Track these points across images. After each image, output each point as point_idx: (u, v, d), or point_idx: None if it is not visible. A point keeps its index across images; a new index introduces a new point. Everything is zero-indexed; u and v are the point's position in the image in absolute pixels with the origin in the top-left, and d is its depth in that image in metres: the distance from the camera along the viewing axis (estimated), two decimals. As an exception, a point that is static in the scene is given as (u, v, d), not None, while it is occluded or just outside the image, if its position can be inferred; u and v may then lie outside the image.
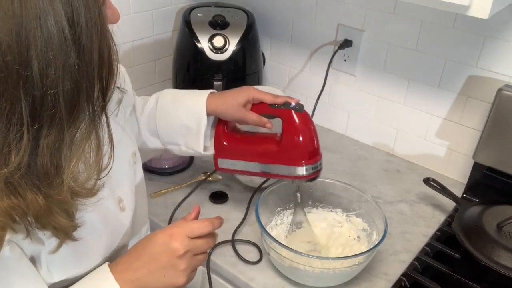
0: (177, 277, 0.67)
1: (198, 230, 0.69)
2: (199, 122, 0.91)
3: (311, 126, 0.88)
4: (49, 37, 0.45)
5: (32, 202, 0.50)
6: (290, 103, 0.88)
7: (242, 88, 0.92)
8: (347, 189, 0.99)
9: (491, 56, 1.06)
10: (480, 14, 0.74)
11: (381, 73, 1.25)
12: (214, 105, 0.91)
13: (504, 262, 0.86)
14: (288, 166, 0.88)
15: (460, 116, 1.16)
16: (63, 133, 0.49)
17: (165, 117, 0.94)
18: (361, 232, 0.97)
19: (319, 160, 0.89)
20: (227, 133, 0.94)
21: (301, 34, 1.36)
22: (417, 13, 1.13)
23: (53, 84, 0.46)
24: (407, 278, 0.89)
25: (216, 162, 0.96)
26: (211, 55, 1.28)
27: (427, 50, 1.15)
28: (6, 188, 0.48)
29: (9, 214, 0.49)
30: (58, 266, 0.61)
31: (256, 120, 0.90)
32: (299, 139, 0.87)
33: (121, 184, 0.75)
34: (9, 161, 0.47)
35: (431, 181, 1.09)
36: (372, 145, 1.36)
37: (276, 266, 0.91)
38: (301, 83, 1.43)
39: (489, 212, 0.97)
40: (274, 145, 0.90)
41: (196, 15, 1.33)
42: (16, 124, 0.46)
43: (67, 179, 0.51)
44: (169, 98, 0.95)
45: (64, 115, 0.48)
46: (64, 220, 0.54)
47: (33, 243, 0.57)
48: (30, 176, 0.49)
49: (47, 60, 0.45)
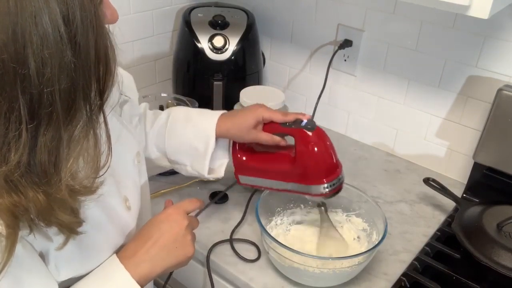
0: (187, 247, 0.72)
1: (191, 205, 0.76)
2: (207, 144, 0.90)
3: (326, 143, 0.85)
4: (45, 35, 0.45)
5: (33, 200, 0.50)
6: (301, 121, 0.85)
7: (251, 108, 0.91)
8: (347, 189, 0.99)
9: (491, 56, 1.06)
10: (480, 14, 0.74)
11: (381, 73, 1.25)
12: (225, 128, 0.91)
13: (504, 262, 0.86)
14: (309, 185, 0.86)
15: (460, 116, 1.16)
16: (61, 131, 0.49)
17: (174, 136, 0.93)
18: (361, 232, 0.97)
19: (339, 174, 0.86)
20: (246, 149, 0.94)
21: (301, 34, 1.36)
22: (417, 13, 1.13)
23: (49, 82, 0.46)
24: (407, 278, 0.89)
25: (237, 178, 0.95)
26: (211, 55, 1.29)
27: (427, 50, 1.15)
28: (7, 186, 0.49)
29: (11, 212, 0.49)
30: (65, 264, 0.62)
31: (268, 140, 0.89)
32: (315, 160, 0.84)
33: (126, 183, 0.76)
34: (9, 159, 0.47)
35: (431, 181, 1.09)
36: (372, 145, 1.36)
37: (276, 266, 0.91)
38: (301, 83, 1.43)
39: (489, 212, 0.97)
40: (290, 164, 0.87)
41: (196, 15, 1.33)
42: (14, 123, 0.46)
43: (65, 177, 0.51)
44: (180, 117, 0.95)
45: (61, 114, 0.48)
46: (67, 217, 0.55)
47: (42, 239, 0.57)
48: (30, 174, 0.49)
49: (43, 58, 0.45)
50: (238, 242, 0.98)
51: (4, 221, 0.50)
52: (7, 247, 0.51)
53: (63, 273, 0.62)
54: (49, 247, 0.59)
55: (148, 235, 0.70)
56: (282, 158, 0.90)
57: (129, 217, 0.75)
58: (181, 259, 0.72)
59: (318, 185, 0.85)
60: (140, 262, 0.67)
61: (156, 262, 0.69)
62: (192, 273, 1.02)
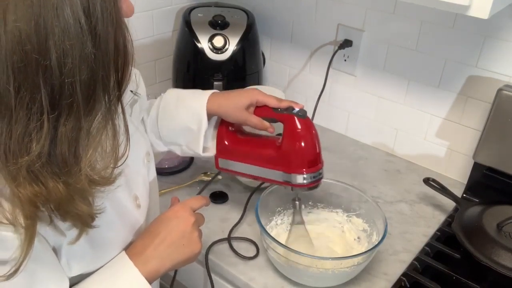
0: (194, 244, 0.73)
1: (197, 203, 0.78)
2: (200, 123, 0.90)
3: (313, 133, 0.86)
4: (66, 27, 0.46)
5: (54, 190, 0.51)
6: (293, 108, 0.86)
7: (246, 89, 0.91)
8: (347, 189, 0.99)
9: (491, 56, 1.06)
10: (480, 14, 0.74)
11: (381, 73, 1.25)
12: (216, 105, 0.90)
13: (504, 262, 0.86)
14: (288, 173, 0.86)
15: (460, 116, 1.16)
16: (81, 122, 0.50)
17: (167, 117, 0.93)
18: (361, 233, 0.97)
19: (320, 168, 0.86)
20: (229, 133, 0.93)
21: (301, 34, 1.36)
22: (417, 13, 1.13)
23: (70, 73, 0.47)
24: (407, 278, 0.89)
25: (216, 161, 0.95)
26: (211, 55, 1.28)
27: (427, 50, 1.15)
28: (28, 176, 0.50)
29: (32, 202, 0.50)
30: (77, 260, 0.63)
31: (258, 124, 0.89)
32: (300, 147, 0.84)
33: (137, 182, 0.77)
34: (30, 149, 0.48)
35: (431, 181, 1.09)
36: (372, 145, 1.36)
37: (276, 266, 0.91)
38: (301, 83, 1.43)
39: (489, 212, 0.97)
40: (274, 150, 0.87)
41: (196, 15, 1.33)
42: (36, 113, 0.47)
43: (84, 168, 0.52)
44: (172, 99, 0.95)
45: (81, 104, 0.49)
46: (86, 207, 0.56)
47: (55, 234, 0.58)
48: (51, 165, 0.50)
49: (64, 49, 0.46)
50: (236, 241, 0.98)
51: (25, 212, 0.51)
52: (27, 238, 0.52)
53: (74, 269, 0.63)
54: (62, 242, 0.60)
55: (156, 232, 0.71)
56: (267, 143, 0.90)
57: (139, 215, 0.76)
58: (188, 256, 0.73)
59: (299, 174, 0.85)
60: (149, 259, 0.68)
61: (164, 259, 0.70)
62: (192, 273, 1.02)
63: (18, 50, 0.45)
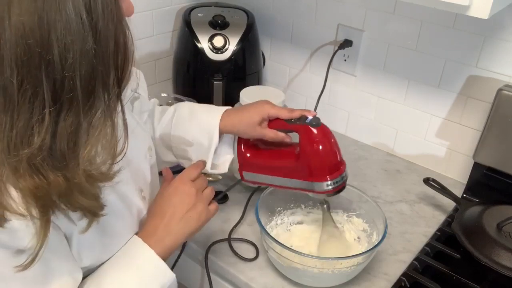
0: (201, 214, 0.76)
1: (194, 171, 0.80)
2: (211, 139, 0.91)
3: (331, 140, 0.85)
4: (68, 22, 0.47)
5: (54, 183, 0.52)
6: (306, 117, 0.85)
7: (257, 105, 0.91)
8: (347, 189, 0.99)
9: (491, 56, 1.06)
10: (480, 14, 0.74)
11: (381, 73, 1.25)
12: (230, 124, 0.91)
13: (504, 262, 0.86)
14: (313, 182, 0.85)
15: (460, 116, 1.16)
16: (80, 117, 0.51)
17: (179, 130, 0.94)
18: (361, 233, 0.97)
19: (343, 172, 0.86)
20: (249, 146, 0.93)
21: (301, 34, 1.36)
22: (417, 13, 1.13)
23: (71, 68, 0.48)
24: (407, 278, 0.89)
25: (241, 174, 0.95)
26: (211, 55, 1.28)
27: (427, 50, 1.15)
28: (29, 169, 0.51)
29: (33, 194, 0.51)
30: (87, 250, 0.65)
31: (273, 137, 0.89)
32: (319, 156, 0.83)
33: (140, 175, 0.79)
34: (32, 142, 0.49)
35: (431, 181, 1.09)
36: (372, 145, 1.36)
37: (276, 266, 0.91)
38: (301, 83, 1.43)
39: (489, 212, 0.97)
40: (294, 160, 0.87)
41: (196, 15, 1.33)
42: (38, 107, 0.48)
43: (82, 163, 0.53)
44: (186, 112, 0.96)
45: (81, 99, 0.50)
46: (87, 201, 0.57)
47: (68, 222, 0.60)
48: (51, 158, 0.51)
49: (66, 44, 0.47)
50: (237, 241, 0.98)
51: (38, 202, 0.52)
52: (42, 226, 0.53)
53: (84, 260, 0.65)
54: (73, 231, 0.61)
55: (162, 211, 0.75)
56: (286, 154, 0.90)
57: (144, 207, 0.78)
58: (198, 225, 0.76)
59: (322, 182, 0.84)
60: (162, 238, 0.72)
61: (176, 234, 0.74)
62: (191, 273, 1.02)
63: (22, 44, 0.46)
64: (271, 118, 0.89)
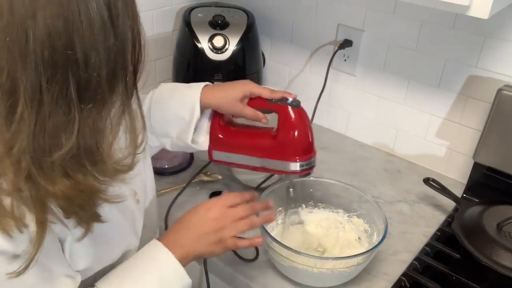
0: (220, 241, 0.76)
1: (234, 198, 0.80)
2: (192, 112, 0.90)
3: (306, 122, 0.88)
4: (91, 22, 0.47)
5: (84, 182, 0.53)
6: (287, 99, 0.88)
7: (239, 81, 0.92)
8: (347, 189, 0.99)
9: (491, 56, 1.06)
10: (480, 14, 0.74)
11: (381, 73, 1.25)
12: (211, 97, 0.90)
13: (504, 262, 0.86)
14: (282, 161, 0.88)
15: (460, 116, 1.16)
16: (102, 113, 0.52)
17: (160, 108, 0.94)
18: (362, 233, 0.97)
19: (313, 156, 0.89)
20: (222, 126, 0.94)
21: (301, 34, 1.36)
22: (417, 13, 1.13)
23: (95, 66, 0.49)
24: (407, 278, 0.89)
25: (210, 153, 0.95)
26: (211, 55, 1.28)
27: (427, 50, 1.15)
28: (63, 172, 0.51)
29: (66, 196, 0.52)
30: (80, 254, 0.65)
31: (252, 115, 0.90)
32: (294, 135, 0.87)
33: (134, 177, 0.77)
34: (62, 144, 0.50)
35: (431, 181, 1.09)
36: (372, 145, 1.36)
37: (276, 266, 0.91)
38: (301, 83, 1.43)
39: (489, 212, 0.97)
40: (269, 140, 0.90)
41: (196, 15, 1.33)
42: (67, 107, 0.49)
43: (108, 157, 0.53)
44: (166, 89, 0.96)
45: (105, 95, 0.51)
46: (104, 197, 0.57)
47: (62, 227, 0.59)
48: (78, 157, 0.52)
49: (90, 43, 0.48)
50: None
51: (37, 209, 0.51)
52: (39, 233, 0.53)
53: (78, 264, 0.65)
54: (66, 236, 0.61)
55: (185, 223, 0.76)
56: (261, 134, 0.92)
57: (138, 210, 0.77)
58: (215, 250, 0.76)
59: (293, 162, 0.87)
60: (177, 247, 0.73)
61: (190, 248, 0.74)
62: (190, 272, 1.02)
63: (49, 46, 0.46)
64: (253, 96, 0.90)
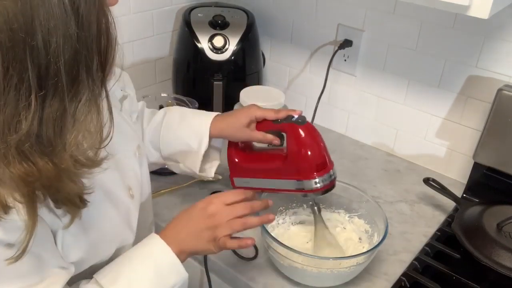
0: (214, 239, 0.75)
1: (233, 196, 0.79)
2: (200, 142, 0.93)
3: (316, 137, 0.86)
4: (50, 6, 0.47)
5: (43, 168, 0.52)
6: (292, 116, 0.87)
7: (243, 108, 0.94)
8: (347, 189, 0.99)
9: (491, 56, 1.06)
10: (480, 14, 0.74)
11: (381, 73, 1.25)
12: (219, 128, 0.93)
13: (504, 262, 0.86)
14: (301, 181, 0.86)
15: (460, 116, 1.16)
16: (65, 102, 0.51)
17: (168, 132, 0.96)
18: (362, 234, 0.97)
19: (331, 169, 0.87)
20: (238, 152, 0.95)
21: (301, 34, 1.36)
22: (417, 13, 1.13)
23: (55, 53, 0.48)
24: (407, 278, 0.89)
25: (232, 181, 0.96)
26: (211, 55, 1.29)
27: (427, 50, 1.15)
28: (18, 156, 0.51)
29: (24, 180, 0.51)
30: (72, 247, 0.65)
31: (261, 138, 0.91)
32: (305, 153, 0.85)
33: (129, 173, 0.79)
34: (19, 128, 0.49)
35: (431, 181, 1.09)
36: (372, 145, 1.36)
37: (276, 266, 0.91)
38: (301, 83, 1.43)
39: (489, 212, 0.97)
40: (282, 161, 0.88)
41: (196, 15, 1.33)
42: (24, 93, 0.48)
43: (69, 148, 0.53)
44: (176, 116, 0.98)
45: (65, 85, 0.50)
46: (75, 186, 0.57)
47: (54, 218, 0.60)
48: (39, 144, 0.51)
49: (49, 29, 0.47)
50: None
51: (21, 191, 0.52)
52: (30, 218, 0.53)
53: (71, 256, 0.65)
54: (58, 228, 0.62)
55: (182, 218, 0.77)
56: (275, 156, 0.91)
57: (132, 205, 0.78)
58: (208, 248, 0.76)
59: (310, 179, 0.85)
60: (173, 241, 0.73)
61: (186, 244, 0.74)
62: (190, 272, 1.02)
63: (6, 29, 0.45)
64: (258, 120, 0.91)
